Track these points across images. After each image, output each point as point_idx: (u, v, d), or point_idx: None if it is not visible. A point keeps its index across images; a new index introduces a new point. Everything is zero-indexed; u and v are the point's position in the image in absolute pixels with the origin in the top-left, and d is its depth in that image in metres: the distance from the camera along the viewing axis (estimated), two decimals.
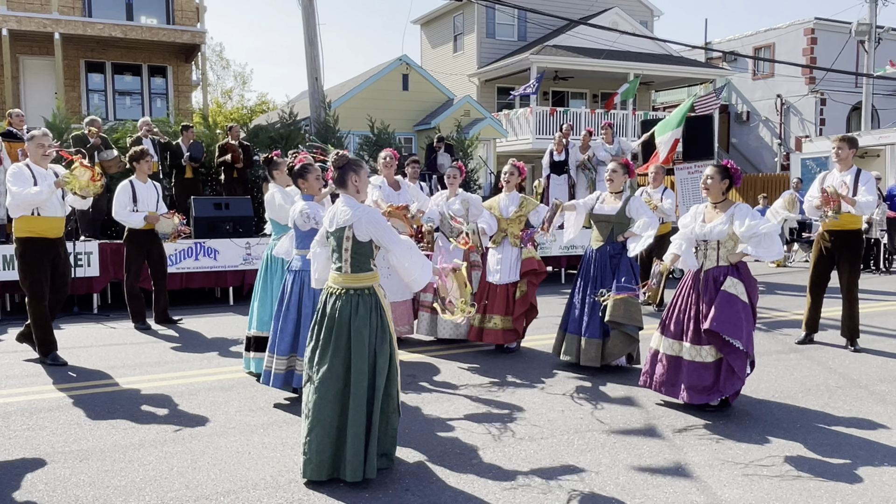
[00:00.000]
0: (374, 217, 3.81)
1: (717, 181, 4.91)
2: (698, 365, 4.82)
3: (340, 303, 3.79)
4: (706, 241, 4.93)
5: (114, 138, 11.49)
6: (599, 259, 5.97)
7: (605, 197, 6.11)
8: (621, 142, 12.95)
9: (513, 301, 6.45)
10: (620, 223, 5.94)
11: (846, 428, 4.59)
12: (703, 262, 4.97)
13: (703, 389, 4.80)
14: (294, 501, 3.54)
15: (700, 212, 5.03)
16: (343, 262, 3.82)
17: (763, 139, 29.84)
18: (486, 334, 6.53)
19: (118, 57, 17.74)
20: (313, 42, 13.91)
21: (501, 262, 6.53)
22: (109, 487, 3.71)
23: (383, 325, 3.83)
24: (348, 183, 3.88)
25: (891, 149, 16.87)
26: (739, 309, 4.72)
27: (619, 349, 5.87)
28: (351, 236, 3.79)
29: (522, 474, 3.86)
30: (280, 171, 5.70)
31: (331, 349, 3.75)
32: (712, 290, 4.83)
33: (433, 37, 28.64)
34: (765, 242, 4.73)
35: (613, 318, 5.71)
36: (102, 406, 5.10)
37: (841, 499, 3.55)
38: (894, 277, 12.23)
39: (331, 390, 3.71)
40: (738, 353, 4.72)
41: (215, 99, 35.03)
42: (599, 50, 23.77)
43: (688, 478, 3.82)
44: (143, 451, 4.22)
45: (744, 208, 4.86)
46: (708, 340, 4.80)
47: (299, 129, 13.70)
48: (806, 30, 28.14)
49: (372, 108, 16.93)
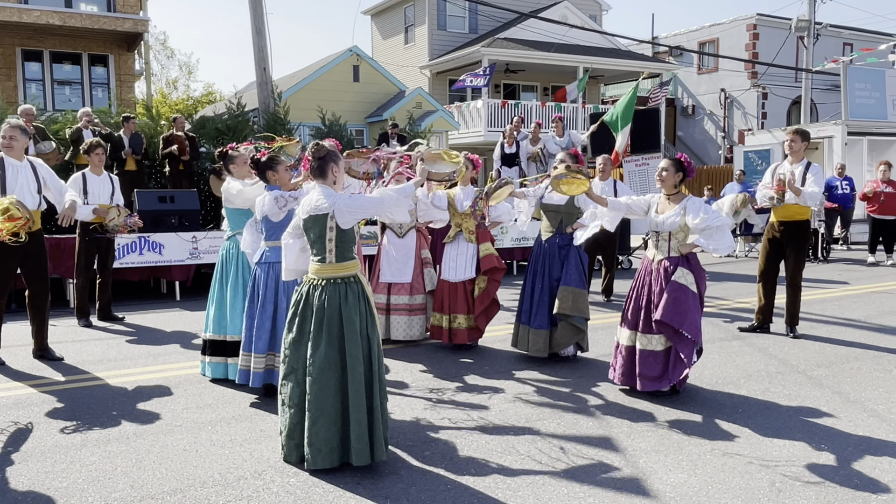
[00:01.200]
0: (351, 201, 3.85)
1: (672, 174, 5.03)
2: (649, 353, 4.98)
3: (328, 293, 3.81)
4: (658, 231, 5.05)
5: (53, 129, 11.09)
6: (548, 250, 5.99)
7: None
8: (571, 134, 13.10)
9: (471, 298, 6.35)
10: (570, 213, 5.96)
11: (786, 412, 4.75)
12: (654, 252, 5.10)
13: (654, 377, 4.97)
14: (243, 498, 3.49)
15: (654, 202, 5.16)
16: (327, 252, 3.84)
17: (708, 132, 30.58)
18: (455, 335, 6.39)
19: (56, 45, 17.12)
20: (261, 31, 13.66)
21: (457, 259, 6.40)
22: (50, 489, 3.60)
23: (371, 312, 3.90)
24: (328, 173, 3.90)
25: (828, 141, 17.46)
26: (689, 299, 4.87)
27: (567, 339, 5.92)
28: (334, 226, 3.81)
29: (474, 465, 3.88)
30: (237, 164, 5.45)
31: (324, 339, 3.76)
32: (663, 280, 4.97)
33: (384, 28, 28.46)
34: (716, 235, 4.89)
35: (561, 310, 5.78)
36: (42, 405, 4.93)
37: (780, 480, 3.67)
38: (832, 266, 12.69)
39: (332, 380, 3.74)
40: (687, 342, 4.88)
41: (160, 89, 34.12)
42: (549, 43, 23.99)
43: (634, 464, 3.90)
44: (86, 450, 4.11)
45: (696, 202, 4.99)
46: (658, 330, 4.94)
47: (247, 120, 13.45)
48: (748, 25, 28.91)
49: (322, 100, 16.75)
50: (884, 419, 4.60)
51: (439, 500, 3.46)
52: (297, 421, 3.80)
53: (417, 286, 6.70)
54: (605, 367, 5.88)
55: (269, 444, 4.18)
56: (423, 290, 6.73)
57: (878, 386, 5.35)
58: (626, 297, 5.25)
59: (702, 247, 4.98)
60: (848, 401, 4.99)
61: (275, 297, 4.89)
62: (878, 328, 7.38)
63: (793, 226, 6.87)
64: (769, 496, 3.49)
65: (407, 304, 6.70)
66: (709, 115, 30.47)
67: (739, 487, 3.59)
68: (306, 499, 3.48)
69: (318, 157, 3.91)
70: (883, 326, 7.46)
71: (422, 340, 6.86)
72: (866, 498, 3.47)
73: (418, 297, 6.72)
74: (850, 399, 5.03)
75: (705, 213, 4.90)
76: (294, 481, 3.66)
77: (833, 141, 17.31)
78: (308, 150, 3.99)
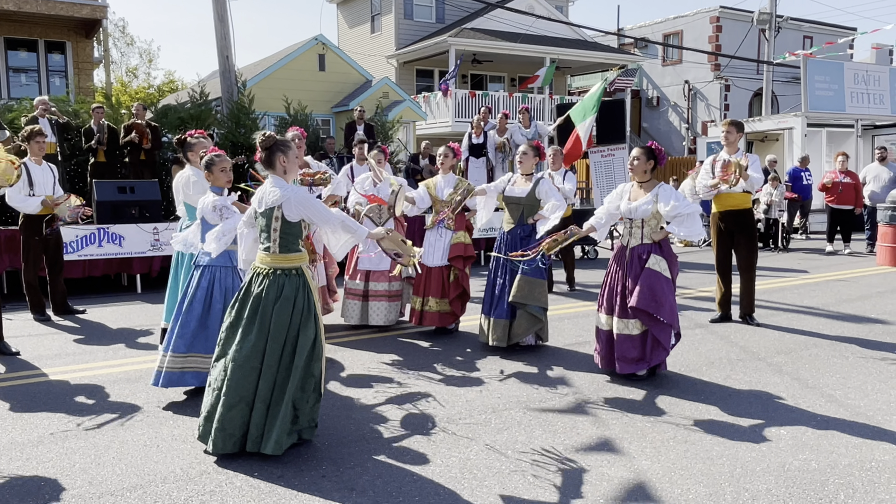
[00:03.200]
0: (303, 197, 3.87)
1: (643, 161, 5.13)
2: (626, 337, 5.10)
3: (267, 282, 3.84)
4: (631, 219, 5.15)
5: (8, 118, 10.76)
6: (510, 241, 6.04)
7: (515, 179, 6.17)
8: (538, 126, 13.12)
9: (447, 284, 6.50)
10: (531, 205, 6.02)
11: (746, 398, 4.84)
12: (628, 239, 5.21)
13: (631, 360, 5.10)
14: (205, 493, 3.43)
15: (626, 190, 5.25)
16: (271, 241, 3.86)
17: (672, 124, 30.94)
18: (425, 317, 6.54)
19: (11, 31, 16.58)
20: (223, 19, 13.41)
21: (435, 245, 6.56)
22: (6, 487, 3.50)
23: (309, 305, 3.87)
24: (276, 164, 3.90)
25: (788, 133, 17.80)
26: (663, 284, 5.00)
27: (525, 329, 5.95)
28: (280, 216, 3.83)
29: (440, 455, 3.87)
30: (195, 152, 5.35)
31: (255, 327, 3.79)
32: (637, 266, 5.09)
33: (350, 16, 28.17)
34: (687, 222, 5.02)
35: (517, 299, 5.84)
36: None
37: (742, 465, 3.73)
38: (791, 255, 12.95)
39: (256, 367, 3.77)
40: (663, 326, 5.02)
41: (119, 78, 33.35)
42: (516, 34, 24.00)
43: (599, 451, 3.93)
44: (42, 447, 4.00)
45: (668, 189, 5.10)
46: (634, 315, 5.06)
47: (210, 109, 13.22)
48: (712, 18, 29.27)
49: (288, 89, 16.52)
50: (841, 404, 4.71)
51: (405, 492, 3.45)
52: (218, 404, 3.78)
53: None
54: (569, 356, 5.92)
55: None
56: (399, 277, 6.88)
57: (836, 372, 5.47)
58: (601, 283, 5.35)
59: (673, 233, 5.09)
60: (806, 386, 5.10)
61: (208, 299, 4.68)
62: (836, 315, 7.55)
63: (735, 215, 6.97)
64: (730, 481, 3.55)
65: (386, 291, 6.88)
66: (673, 107, 30.82)
67: (701, 473, 3.64)
68: (271, 493, 3.44)
69: (265, 147, 3.91)
70: (840, 314, 7.64)
71: (397, 326, 7.03)
72: (824, 481, 3.54)
73: (395, 283, 6.90)
74: (809, 385, 5.14)
75: (676, 201, 5.00)
76: (258, 475, 3.62)
77: (793, 132, 17.66)
78: (256, 140, 3.96)
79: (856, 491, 3.45)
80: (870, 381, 5.24)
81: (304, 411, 3.86)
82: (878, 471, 3.67)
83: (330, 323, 7.29)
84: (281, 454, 3.76)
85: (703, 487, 3.49)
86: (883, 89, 19.19)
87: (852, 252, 13.11)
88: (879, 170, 13.14)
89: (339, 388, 5.09)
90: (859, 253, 13.03)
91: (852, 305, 8.11)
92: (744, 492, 3.43)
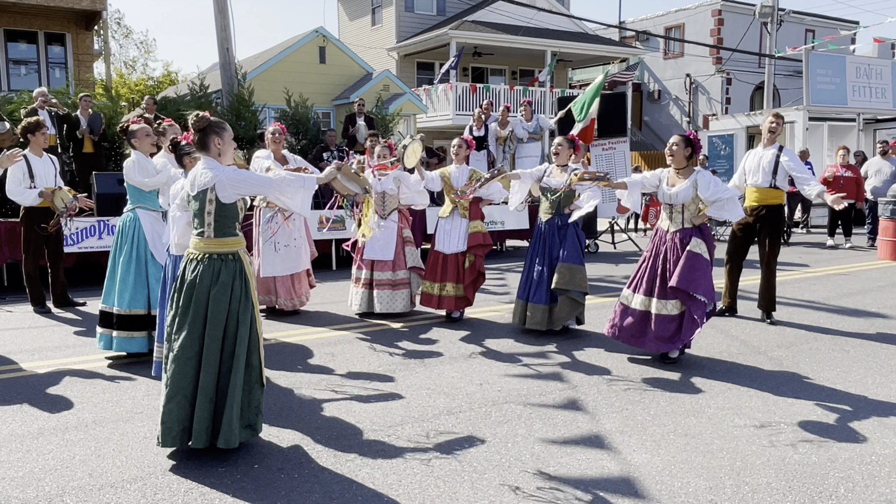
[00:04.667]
0: (235, 174, 3.71)
1: (681, 149, 5.36)
2: (664, 317, 5.36)
3: (202, 268, 3.70)
4: (672, 204, 5.40)
5: (7, 110, 10.75)
6: (548, 230, 6.29)
7: (552, 170, 6.36)
8: (539, 119, 13.10)
9: (463, 270, 6.78)
10: (567, 195, 6.24)
11: (746, 392, 4.84)
12: (668, 223, 5.48)
13: (667, 339, 5.37)
14: (205, 485, 3.43)
15: (665, 175, 5.51)
16: (206, 226, 3.72)
17: (673, 117, 30.87)
18: (443, 301, 6.82)
19: (11, 23, 16.53)
20: (223, 10, 13.37)
21: (451, 233, 6.84)
22: (6, 479, 3.50)
23: (247, 293, 3.76)
24: (210, 146, 3.75)
25: (790, 127, 17.74)
26: (703, 265, 5.29)
27: (567, 313, 6.21)
28: (214, 199, 3.68)
29: (441, 448, 3.87)
30: (139, 138, 5.62)
31: (190, 316, 3.66)
32: (678, 249, 5.36)
33: (351, 9, 28.08)
34: (727, 206, 5.30)
35: (559, 285, 6.09)
36: None
37: (742, 458, 3.73)
38: (792, 249, 12.94)
39: (193, 358, 3.65)
40: (700, 304, 5.28)
41: (118, 70, 33.27)
42: (518, 27, 23.92)
43: (600, 445, 3.93)
44: (43, 439, 4.00)
45: (706, 175, 5.35)
46: (674, 295, 5.31)
47: (211, 101, 13.20)
48: (713, 11, 29.17)
49: (288, 82, 16.48)
50: (841, 398, 4.71)
51: (405, 485, 3.45)
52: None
53: (399, 263, 7.13)
54: (569, 351, 5.92)
55: None
56: (404, 266, 7.13)
57: (836, 366, 5.47)
58: (637, 265, 5.61)
59: (715, 217, 5.39)
60: (807, 380, 5.09)
61: None
62: (837, 310, 7.55)
63: (769, 210, 6.87)
64: (730, 475, 3.55)
65: (390, 280, 7.10)
66: (674, 101, 30.75)
67: (702, 467, 3.64)
68: (269, 485, 3.44)
69: (199, 128, 3.75)
70: (841, 308, 7.63)
71: (405, 314, 7.18)
72: (824, 475, 3.54)
73: (400, 272, 7.13)
74: (809, 379, 5.14)
75: (716, 186, 5.27)
76: (258, 467, 3.61)
77: (795, 126, 17.60)
78: (190, 122, 3.81)
79: (856, 485, 3.45)
80: (870, 375, 5.23)
81: (250, 404, 3.79)
82: (879, 465, 3.67)
83: (335, 313, 7.29)
84: (236, 447, 3.67)
85: (703, 481, 3.49)
86: (885, 83, 19.13)
87: (853, 246, 13.09)
88: (881, 164, 13.12)
89: (339, 380, 5.09)
90: (860, 247, 13.02)
91: (853, 299, 8.10)
92: (744, 485, 3.43)
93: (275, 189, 3.90)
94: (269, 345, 6.08)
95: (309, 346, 6.06)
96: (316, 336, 6.44)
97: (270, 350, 5.90)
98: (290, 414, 4.40)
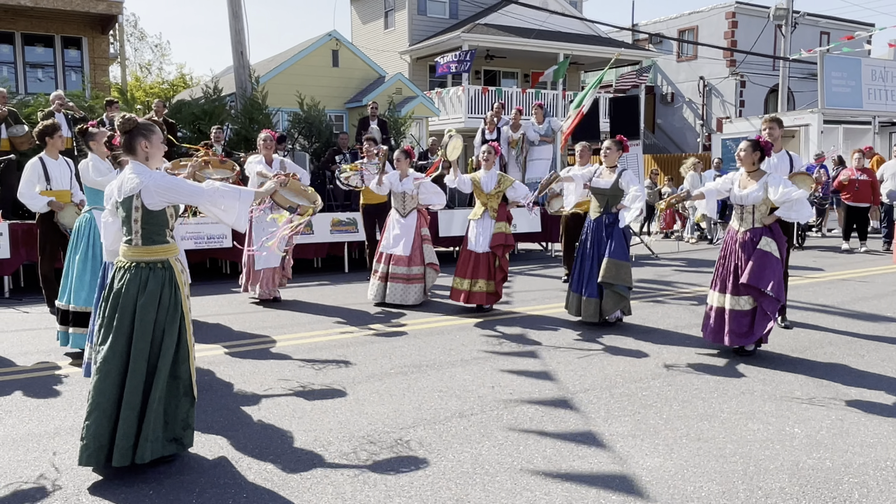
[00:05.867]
0: (162, 181, 3.56)
1: (750, 153, 5.67)
2: (738, 313, 5.65)
3: (129, 277, 3.56)
4: (742, 205, 5.68)
5: (25, 113, 10.88)
6: (596, 228, 6.73)
7: (601, 171, 6.82)
8: (551, 121, 13.09)
9: (493, 267, 7.32)
10: (615, 195, 6.66)
11: (760, 396, 4.81)
12: (739, 224, 5.77)
13: (742, 334, 5.64)
14: (221, 483, 3.46)
15: (736, 178, 5.80)
16: (133, 234, 3.59)
17: (686, 120, 30.75)
18: (473, 296, 7.35)
19: (28, 27, 16.72)
20: (237, 14, 13.47)
21: (483, 234, 7.36)
22: (22, 478, 3.54)
23: (176, 303, 3.63)
24: (137, 149, 3.62)
25: (805, 130, 17.63)
26: (774, 263, 5.56)
27: (612, 306, 6.65)
28: (140, 206, 3.54)
29: (452, 450, 3.88)
30: (96, 141, 5.76)
31: (115, 327, 3.53)
32: (749, 248, 5.64)
33: (364, 12, 28.18)
34: (796, 206, 5.53)
35: (605, 279, 6.53)
36: (14, 393, 4.86)
37: (755, 463, 3.72)
38: (807, 253, 12.84)
39: (113, 371, 3.49)
40: (770, 300, 5.54)
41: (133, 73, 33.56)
42: (530, 29, 23.93)
43: (612, 449, 3.92)
44: (59, 439, 4.05)
45: (776, 178, 5.62)
46: (745, 291, 5.60)
47: (224, 104, 13.29)
48: (727, 13, 29.03)
49: (301, 85, 16.54)
50: (855, 403, 4.67)
51: (416, 487, 3.46)
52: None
53: (416, 259, 7.78)
54: (584, 355, 5.91)
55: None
56: (420, 262, 7.80)
57: (851, 371, 5.43)
58: (714, 266, 5.92)
59: (784, 218, 5.61)
60: (821, 385, 5.06)
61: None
62: (852, 314, 7.49)
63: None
64: (743, 479, 3.53)
65: (405, 274, 7.76)
66: (687, 103, 30.63)
67: (714, 471, 3.63)
68: (283, 485, 3.46)
69: (125, 130, 3.61)
70: (856, 312, 7.57)
71: (417, 305, 7.82)
72: (838, 480, 3.52)
73: (415, 268, 7.77)
74: (823, 383, 5.10)
75: (785, 188, 5.49)
76: (277, 464, 3.64)
77: (809, 129, 17.49)
78: (116, 124, 3.67)
79: (870, 490, 3.42)
80: (885, 380, 5.19)
81: (176, 417, 3.64)
82: (893, 470, 3.64)
83: (348, 315, 7.32)
84: (147, 462, 3.50)
85: (715, 485, 3.47)
86: None
87: (868, 250, 12.98)
88: None
89: (351, 381, 5.12)
90: (875, 251, 12.91)
91: (868, 304, 8.04)
92: (757, 490, 3.42)
93: (206, 200, 3.72)
94: (287, 347, 6.12)
95: (321, 348, 6.09)
96: (328, 339, 6.47)
97: (285, 353, 5.94)
98: (304, 415, 4.42)
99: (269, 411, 4.51)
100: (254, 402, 4.69)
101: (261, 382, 5.11)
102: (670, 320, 7.19)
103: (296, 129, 13.71)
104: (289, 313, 7.57)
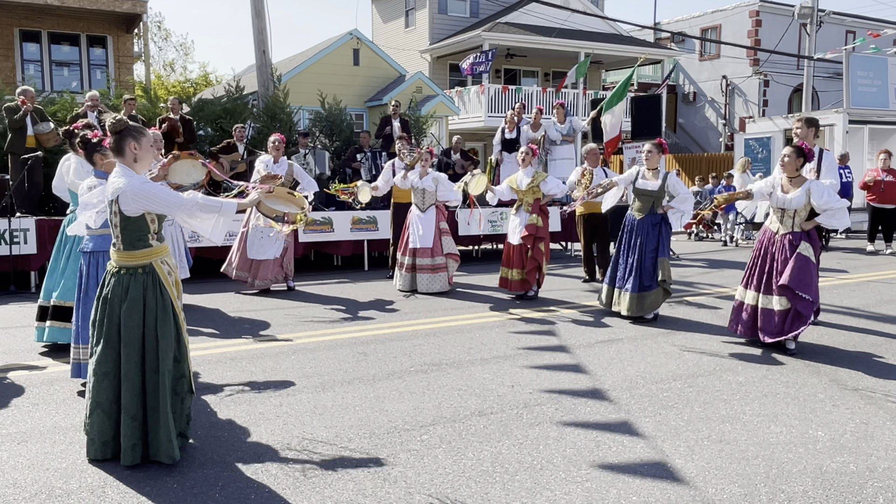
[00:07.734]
0: (141, 188, 3.52)
1: (793, 159, 5.80)
2: (770, 311, 5.84)
3: (114, 282, 3.62)
4: (784, 209, 5.84)
5: (51, 110, 11.04)
6: (641, 227, 7.04)
7: (644, 173, 7.12)
8: (573, 121, 13.05)
9: (525, 258, 7.95)
10: (660, 197, 7.03)
11: (783, 398, 4.77)
12: (778, 226, 5.90)
13: (774, 332, 5.81)
14: (240, 480, 3.50)
15: (777, 182, 5.92)
16: (116, 237, 3.63)
17: (709, 119, 30.48)
18: (511, 284, 8.10)
19: (55, 26, 16.98)
20: (260, 14, 13.57)
21: (519, 227, 8.00)
22: (49, 470, 3.61)
23: (164, 305, 3.63)
24: (126, 151, 3.61)
25: (829, 130, 17.39)
26: (811, 267, 5.72)
27: (659, 301, 6.97)
28: (118, 211, 3.55)
29: (472, 448, 3.89)
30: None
31: (104, 331, 3.60)
32: (788, 251, 5.79)
33: (385, 11, 28.26)
34: (838, 215, 5.73)
35: (665, 277, 6.87)
36: (40, 387, 4.94)
37: (778, 465, 3.69)
38: (831, 255, 12.68)
39: (108, 374, 3.58)
40: (806, 303, 5.69)
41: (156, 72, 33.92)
42: (551, 28, 23.85)
43: (632, 450, 3.91)
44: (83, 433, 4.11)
45: (819, 185, 5.79)
46: (781, 292, 5.74)
47: (246, 103, 13.39)
48: (751, 12, 28.74)
49: (322, 83, 16.65)
50: (881, 406, 4.62)
51: (437, 483, 3.47)
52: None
53: (437, 249, 8.55)
54: (601, 354, 5.89)
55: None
56: (441, 253, 8.55)
57: (876, 374, 5.36)
58: (747, 266, 6.10)
59: (825, 225, 5.81)
60: (845, 388, 5.00)
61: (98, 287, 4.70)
62: (877, 316, 7.39)
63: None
64: (766, 482, 3.51)
65: (430, 265, 8.53)
66: (710, 103, 30.36)
67: (736, 474, 3.61)
68: (304, 482, 3.49)
69: (115, 131, 3.60)
70: (881, 315, 7.47)
71: (443, 292, 8.58)
72: (862, 484, 3.48)
73: (438, 258, 8.54)
74: (848, 386, 5.04)
75: (828, 196, 5.68)
76: (291, 460, 3.67)
77: (834, 129, 17.25)
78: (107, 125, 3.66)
79: (895, 495, 3.38)
80: None
81: (182, 413, 3.76)
82: None
83: (369, 315, 7.35)
84: (178, 459, 3.62)
85: (737, 487, 3.45)
86: None
87: (894, 252, 12.79)
88: None
89: (371, 379, 5.14)
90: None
91: (893, 306, 7.92)
92: (779, 493, 3.39)
93: (182, 211, 3.71)
94: (308, 344, 6.17)
95: (341, 346, 6.12)
96: (348, 336, 6.51)
97: (306, 349, 5.98)
98: (325, 413, 4.46)
99: (290, 407, 4.55)
100: (275, 397, 4.73)
101: (282, 378, 5.16)
102: (692, 322, 7.15)
103: (317, 128, 13.78)
104: (310, 310, 7.62)
